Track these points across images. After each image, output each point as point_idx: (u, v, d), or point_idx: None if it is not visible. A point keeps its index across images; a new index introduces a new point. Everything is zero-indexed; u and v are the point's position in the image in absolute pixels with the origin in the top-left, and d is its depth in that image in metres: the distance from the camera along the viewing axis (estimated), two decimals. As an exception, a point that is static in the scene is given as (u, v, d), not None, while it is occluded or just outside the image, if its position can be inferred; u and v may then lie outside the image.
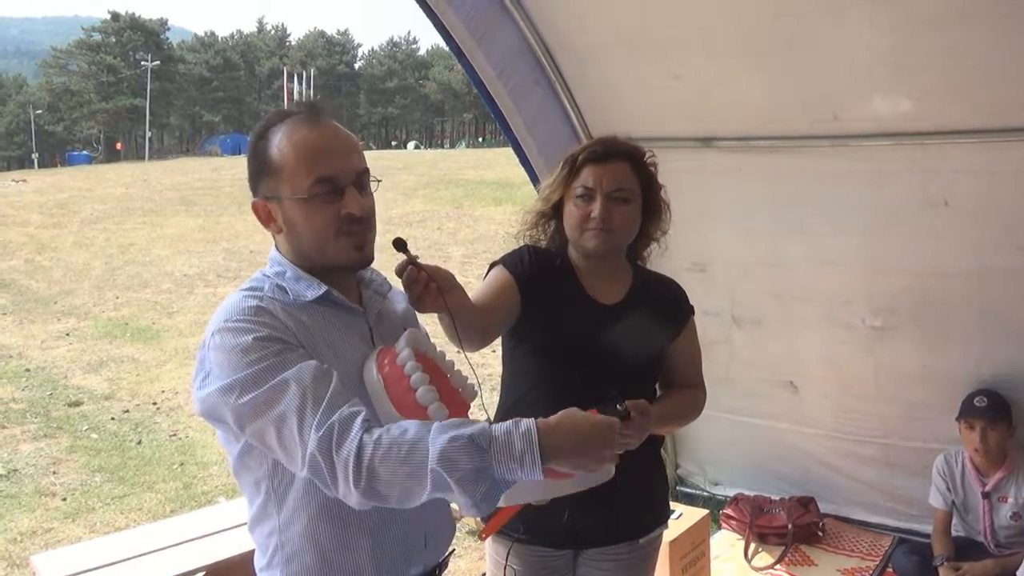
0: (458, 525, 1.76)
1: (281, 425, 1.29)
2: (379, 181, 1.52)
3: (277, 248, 1.52)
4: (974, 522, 3.40)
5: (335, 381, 1.32)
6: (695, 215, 3.44)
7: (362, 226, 1.45)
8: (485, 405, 1.54)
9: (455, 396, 1.41)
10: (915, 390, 3.59)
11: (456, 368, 1.47)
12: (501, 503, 1.37)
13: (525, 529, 1.98)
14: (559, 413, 1.33)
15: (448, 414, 1.34)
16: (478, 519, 1.42)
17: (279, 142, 1.43)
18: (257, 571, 1.51)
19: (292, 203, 1.42)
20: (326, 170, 1.41)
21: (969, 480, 3.38)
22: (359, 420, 1.28)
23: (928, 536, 3.53)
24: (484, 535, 1.58)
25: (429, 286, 1.52)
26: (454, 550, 1.68)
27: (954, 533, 3.45)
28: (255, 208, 1.48)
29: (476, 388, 1.46)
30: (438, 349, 1.46)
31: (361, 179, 1.46)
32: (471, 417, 1.43)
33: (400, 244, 1.51)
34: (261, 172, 1.46)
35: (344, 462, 1.24)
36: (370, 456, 1.24)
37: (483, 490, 1.24)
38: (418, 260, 1.52)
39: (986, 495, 3.32)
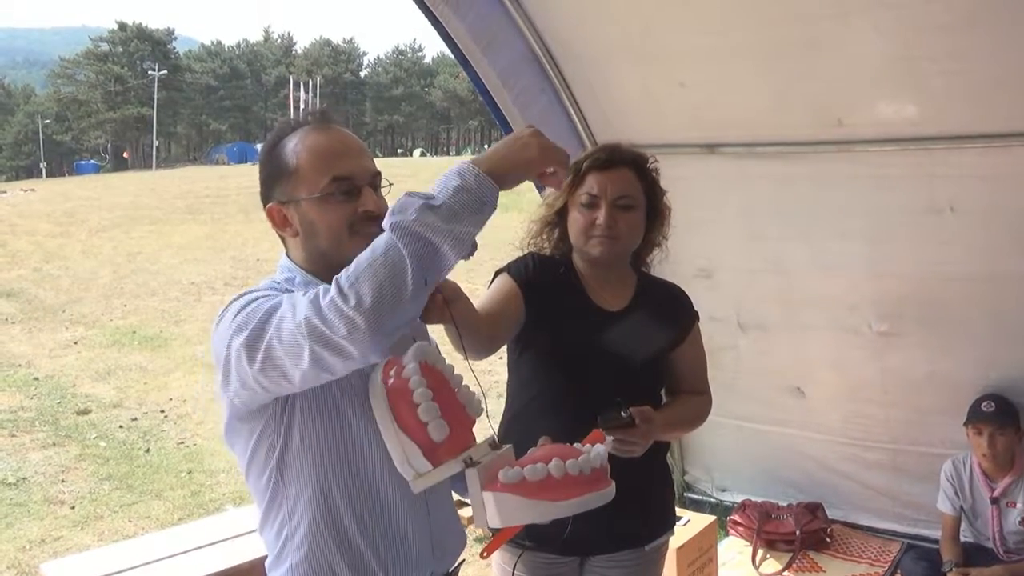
0: (467, 532, 1.75)
1: (280, 328, 1.29)
2: (391, 184, 1.54)
3: (288, 255, 1.54)
4: (983, 527, 3.38)
5: None
6: (700, 221, 3.46)
7: (378, 225, 1.46)
8: (490, 418, 1.54)
9: (461, 412, 1.41)
10: (922, 395, 3.58)
11: (464, 383, 1.47)
12: (499, 524, 1.37)
13: (531, 537, 1.99)
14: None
15: (449, 432, 1.34)
16: (485, 528, 1.42)
17: (294, 147, 1.46)
18: (268, 571, 1.52)
19: (309, 203, 1.44)
20: (342, 170, 1.43)
21: (977, 485, 3.37)
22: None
23: (936, 542, 3.51)
24: (486, 553, 1.58)
25: (435, 297, 1.53)
26: (464, 560, 1.68)
27: (963, 539, 3.44)
28: (270, 213, 1.50)
29: (483, 405, 1.46)
30: (448, 362, 1.46)
31: (375, 181, 1.49)
32: (474, 433, 1.44)
33: None
34: (276, 177, 1.48)
35: (331, 302, 1.23)
36: (347, 279, 1.23)
37: (454, 225, 1.25)
38: None
39: (994, 500, 3.31)
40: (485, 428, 1.52)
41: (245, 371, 1.34)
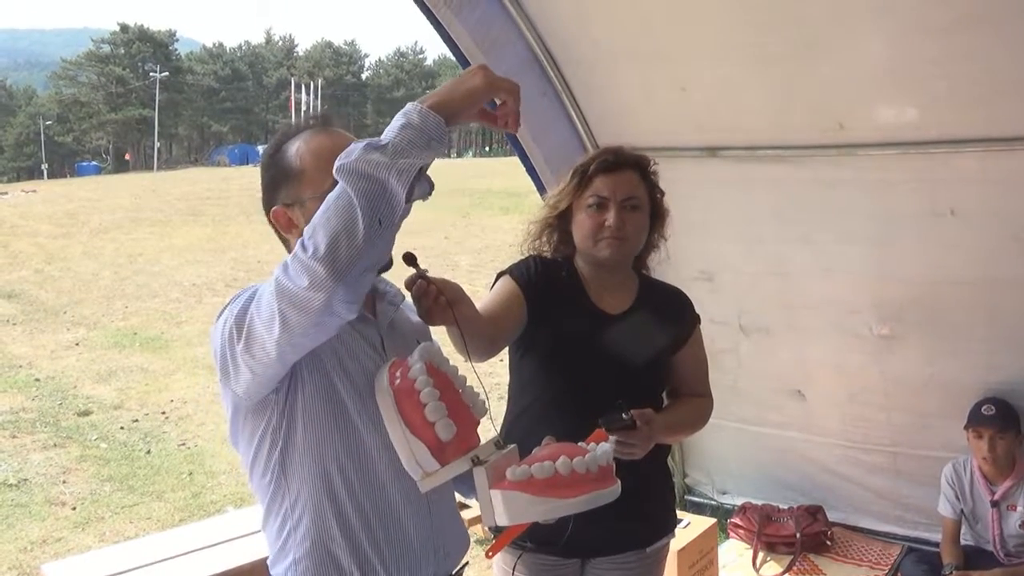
0: (470, 534, 1.76)
1: (260, 300, 1.31)
2: None
3: None
4: (983, 531, 3.39)
5: None
6: (702, 224, 3.47)
7: None
8: (493, 419, 1.54)
9: (466, 412, 1.42)
10: (923, 398, 3.58)
11: (468, 384, 1.48)
12: (507, 522, 1.37)
13: (532, 539, 1.99)
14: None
15: (456, 431, 1.35)
16: (488, 528, 1.43)
17: (298, 150, 1.48)
18: (270, 567, 1.52)
19: (315, 203, 1.43)
20: None
21: (978, 489, 3.37)
22: None
23: (937, 545, 3.52)
24: (491, 553, 1.58)
25: (438, 299, 1.54)
26: (468, 563, 1.69)
27: (963, 542, 3.44)
28: (276, 216, 1.50)
29: (486, 405, 1.47)
30: (451, 363, 1.47)
31: None
32: (479, 434, 1.44)
33: (410, 258, 1.52)
34: (280, 180, 1.49)
35: (292, 258, 1.25)
36: (305, 232, 1.24)
37: (399, 160, 1.25)
38: (427, 274, 1.54)
39: (995, 504, 3.31)
40: (488, 429, 1.53)
41: (236, 354, 1.35)
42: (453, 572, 1.63)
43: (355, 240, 1.22)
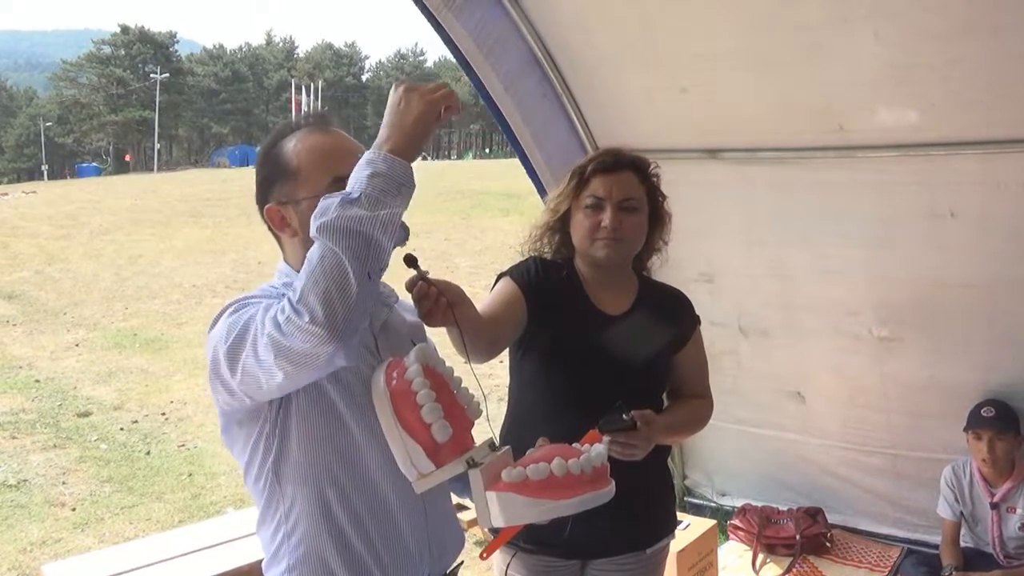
0: (466, 535, 1.76)
1: (256, 344, 1.31)
2: None
3: (285, 259, 1.55)
4: (983, 533, 3.39)
5: None
6: (702, 226, 3.47)
7: None
8: (490, 418, 1.55)
9: (461, 413, 1.42)
10: (922, 400, 3.59)
11: (463, 385, 1.48)
12: (502, 524, 1.38)
13: (532, 540, 1.99)
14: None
15: (452, 432, 1.35)
16: (484, 530, 1.43)
17: (294, 147, 1.47)
18: (264, 570, 1.52)
19: (309, 203, 1.43)
20: (344, 170, 1.42)
21: (977, 491, 3.37)
22: None
23: (937, 547, 3.52)
24: (486, 554, 1.59)
25: (439, 301, 1.54)
26: (463, 562, 1.69)
27: (963, 544, 3.44)
28: (269, 213, 1.50)
29: (482, 407, 1.47)
30: (447, 364, 1.47)
31: None
32: (474, 436, 1.44)
33: (411, 260, 1.52)
34: (275, 178, 1.48)
35: (287, 322, 1.25)
36: (295, 295, 1.25)
37: (377, 211, 1.27)
38: (428, 275, 1.54)
39: (994, 506, 3.32)
40: (484, 431, 1.53)
41: (228, 379, 1.36)
42: (447, 572, 1.63)
43: (349, 298, 1.24)
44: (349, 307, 1.24)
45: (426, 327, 1.64)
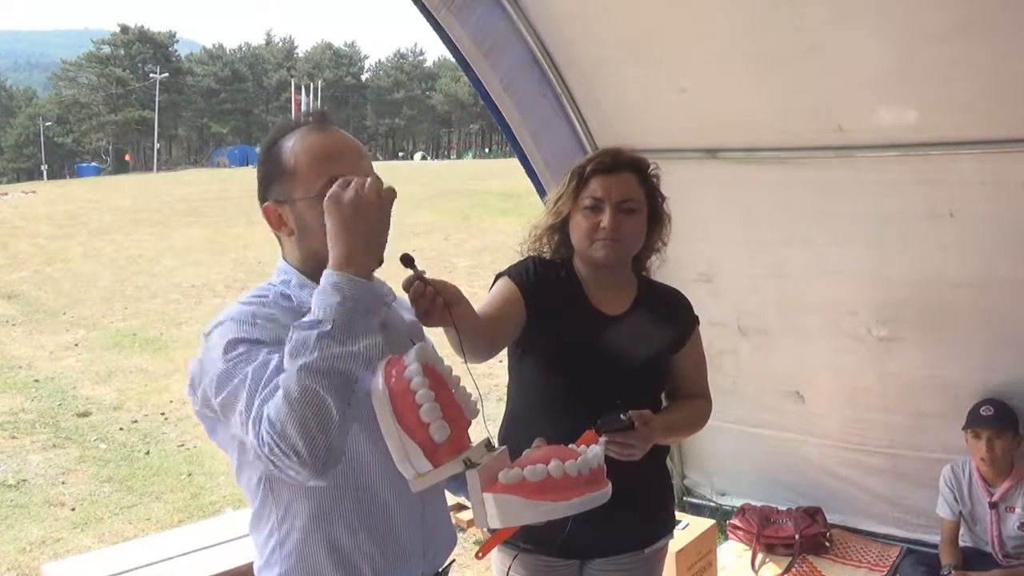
0: (464, 536, 1.76)
1: (241, 419, 1.32)
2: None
3: (284, 257, 1.55)
4: (982, 532, 3.39)
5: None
6: (701, 226, 3.47)
7: None
8: (488, 418, 1.54)
9: (458, 412, 1.42)
10: (922, 400, 3.59)
11: (461, 384, 1.48)
12: (499, 525, 1.38)
13: (530, 540, 1.99)
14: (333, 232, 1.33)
15: (450, 433, 1.35)
16: (483, 529, 1.43)
17: (292, 147, 1.47)
18: (256, 573, 1.52)
19: (305, 203, 1.44)
20: (339, 170, 1.43)
21: (976, 490, 3.37)
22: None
23: (936, 546, 3.52)
24: (481, 554, 1.59)
25: (435, 301, 1.54)
26: (454, 560, 1.69)
27: (962, 543, 3.44)
28: (266, 211, 1.50)
29: (478, 406, 1.47)
30: (445, 363, 1.47)
31: None
32: (470, 435, 1.44)
33: (407, 260, 1.52)
34: (273, 176, 1.48)
35: (270, 451, 1.25)
36: (275, 433, 1.24)
37: (355, 345, 1.27)
38: (424, 275, 1.54)
39: (993, 505, 3.32)
40: (480, 430, 1.53)
41: (214, 409, 1.38)
42: (440, 571, 1.63)
43: (331, 431, 1.25)
44: (331, 438, 1.25)
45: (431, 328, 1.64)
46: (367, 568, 1.47)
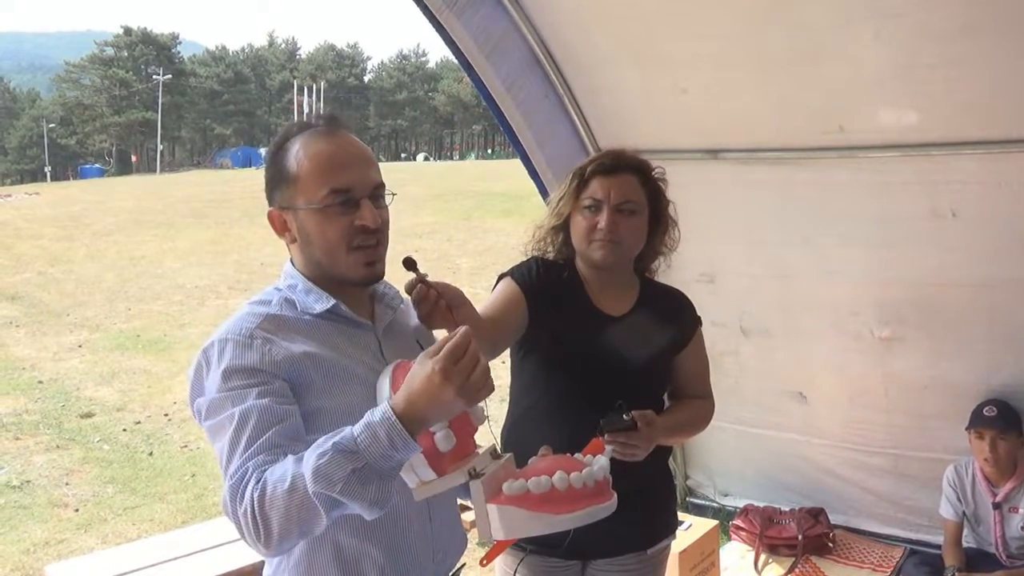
0: (469, 536, 1.76)
1: (220, 456, 1.33)
2: (394, 195, 1.53)
3: (292, 261, 1.54)
4: (985, 533, 3.38)
5: (280, 427, 1.32)
6: (703, 226, 3.46)
7: (375, 239, 1.46)
8: (492, 420, 1.54)
9: (465, 420, 1.41)
10: (924, 400, 3.58)
11: None
12: (503, 536, 1.37)
13: (533, 541, 1.99)
14: (404, 382, 1.28)
15: (456, 442, 1.35)
16: (489, 539, 1.42)
17: (296, 152, 1.45)
18: None
19: (306, 213, 1.44)
20: (341, 182, 1.42)
21: (980, 490, 3.37)
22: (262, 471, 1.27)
23: (939, 547, 3.51)
24: (486, 562, 1.58)
25: (438, 303, 1.54)
26: (464, 564, 1.69)
27: (965, 544, 3.44)
28: (270, 217, 1.50)
29: (484, 413, 1.47)
30: None
31: (376, 192, 1.47)
32: (476, 441, 1.44)
33: (410, 263, 1.52)
34: (278, 181, 1.48)
35: (244, 517, 1.26)
36: (258, 502, 1.24)
37: (372, 490, 1.24)
38: (427, 278, 1.54)
39: (997, 506, 3.31)
40: (485, 432, 1.53)
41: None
42: (450, 574, 1.62)
43: (309, 534, 1.28)
44: (299, 535, 1.27)
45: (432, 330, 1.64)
46: (375, 575, 1.46)
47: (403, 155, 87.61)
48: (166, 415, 7.04)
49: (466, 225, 19.62)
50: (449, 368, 1.24)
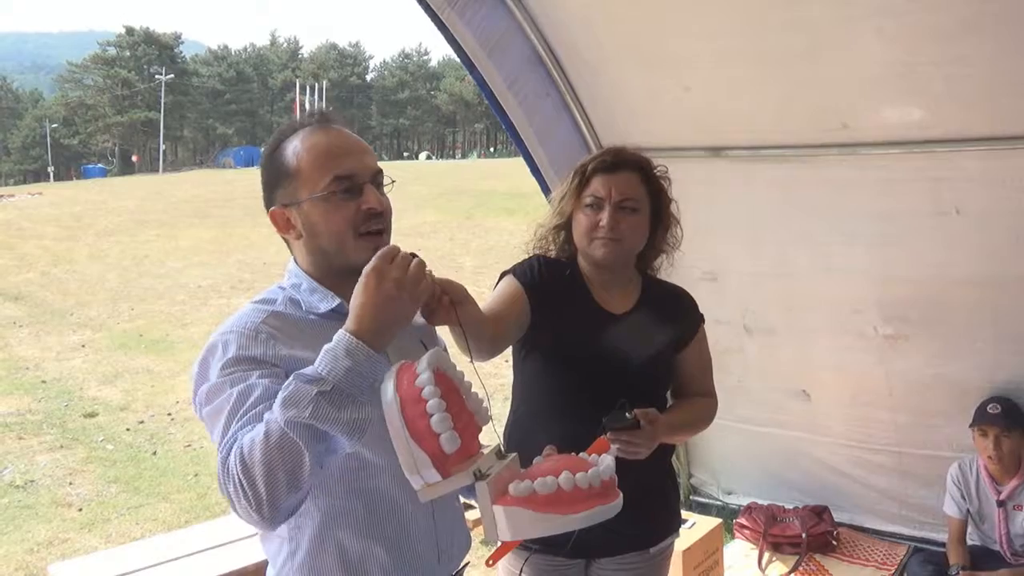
0: (472, 535, 1.75)
1: (216, 439, 1.32)
2: (393, 181, 1.53)
3: (295, 260, 1.53)
4: (989, 531, 3.38)
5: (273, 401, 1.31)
6: (706, 224, 3.45)
7: (381, 223, 1.46)
8: (495, 423, 1.54)
9: (470, 420, 1.40)
10: (928, 398, 3.58)
11: (473, 390, 1.47)
12: (509, 538, 1.37)
13: (541, 540, 1.99)
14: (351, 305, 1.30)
15: (461, 443, 1.34)
16: (495, 540, 1.42)
17: (295, 149, 1.45)
18: None
19: (311, 204, 1.43)
20: (343, 168, 1.42)
21: (984, 488, 3.36)
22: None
23: (943, 545, 3.51)
24: (491, 562, 1.58)
25: (441, 299, 1.54)
26: (468, 563, 1.68)
27: (969, 542, 3.44)
28: (273, 217, 1.49)
29: (489, 413, 1.46)
30: (458, 368, 1.46)
31: (377, 179, 1.48)
32: (480, 441, 1.43)
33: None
34: (278, 180, 1.47)
35: (234, 488, 1.24)
36: (240, 463, 1.22)
37: (347, 413, 1.24)
38: (431, 274, 1.54)
39: (1001, 503, 3.31)
40: (488, 432, 1.52)
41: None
42: (454, 574, 1.62)
43: (298, 485, 1.24)
44: (293, 492, 1.24)
45: (436, 328, 1.64)
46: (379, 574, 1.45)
47: (405, 154, 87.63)
48: (169, 415, 7.05)
49: (468, 224, 19.63)
50: (382, 267, 1.29)
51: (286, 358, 1.39)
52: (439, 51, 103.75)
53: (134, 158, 73.18)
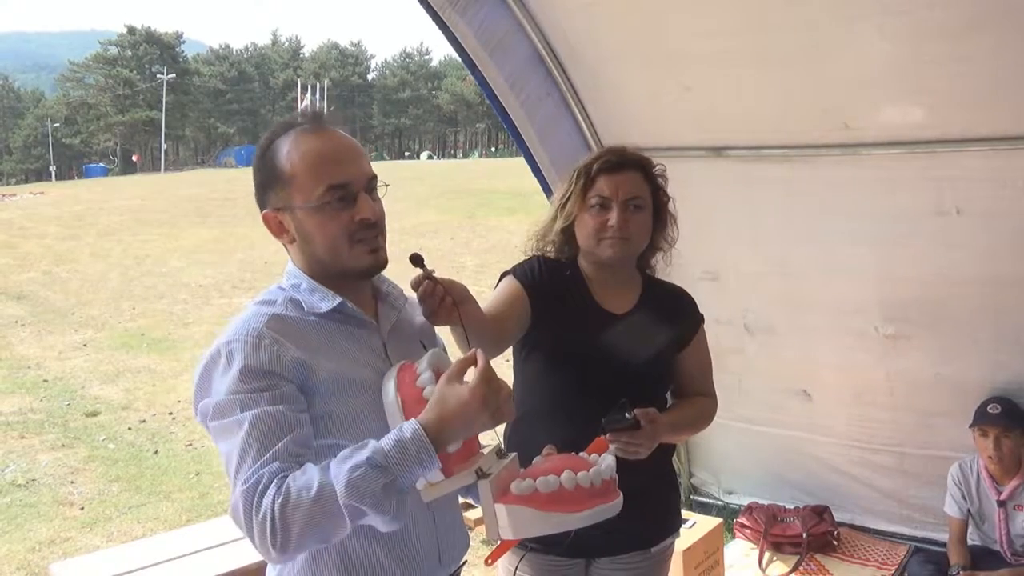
0: (471, 535, 1.76)
1: (228, 461, 1.33)
2: (387, 186, 1.52)
3: (292, 261, 1.53)
4: (990, 531, 3.38)
5: (293, 434, 1.32)
6: (707, 224, 3.47)
7: (375, 231, 1.46)
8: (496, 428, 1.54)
9: None
10: (929, 398, 3.58)
11: None
12: (512, 536, 1.37)
13: (537, 539, 1.99)
14: (431, 400, 1.32)
15: (462, 443, 1.35)
16: (497, 539, 1.42)
17: (287, 152, 1.44)
18: None
19: (304, 212, 1.43)
20: (337, 177, 1.42)
21: (984, 488, 3.36)
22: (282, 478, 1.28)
23: (944, 545, 3.51)
24: (491, 560, 1.59)
25: (444, 300, 1.54)
26: (466, 561, 1.69)
27: (970, 542, 3.43)
28: (266, 220, 1.49)
29: None
30: None
31: (371, 185, 1.47)
32: (480, 440, 1.44)
33: (417, 259, 1.52)
34: (271, 183, 1.46)
35: (261, 523, 1.25)
36: (280, 509, 1.24)
37: (392, 503, 1.27)
38: (433, 274, 1.54)
39: (1001, 503, 3.31)
40: (491, 433, 1.52)
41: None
42: (452, 573, 1.62)
43: (326, 543, 1.31)
44: (320, 545, 1.30)
45: (436, 327, 1.64)
46: None
47: (406, 153, 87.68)
48: (171, 414, 7.06)
49: (470, 223, 19.62)
50: (488, 395, 1.31)
51: (292, 363, 1.38)
52: (440, 51, 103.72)
53: (135, 157, 73.28)
